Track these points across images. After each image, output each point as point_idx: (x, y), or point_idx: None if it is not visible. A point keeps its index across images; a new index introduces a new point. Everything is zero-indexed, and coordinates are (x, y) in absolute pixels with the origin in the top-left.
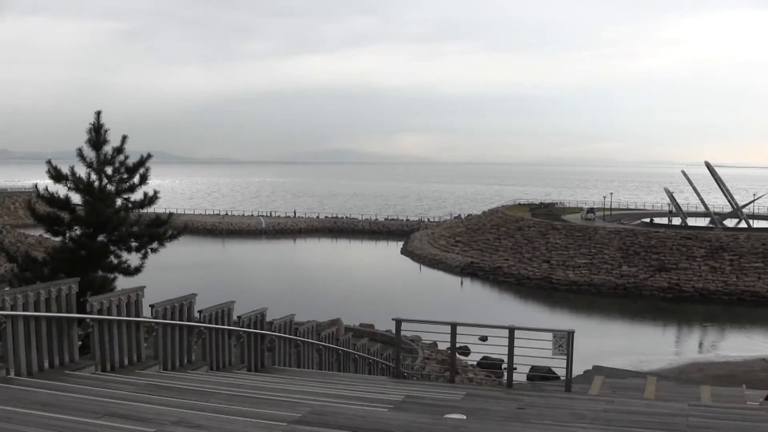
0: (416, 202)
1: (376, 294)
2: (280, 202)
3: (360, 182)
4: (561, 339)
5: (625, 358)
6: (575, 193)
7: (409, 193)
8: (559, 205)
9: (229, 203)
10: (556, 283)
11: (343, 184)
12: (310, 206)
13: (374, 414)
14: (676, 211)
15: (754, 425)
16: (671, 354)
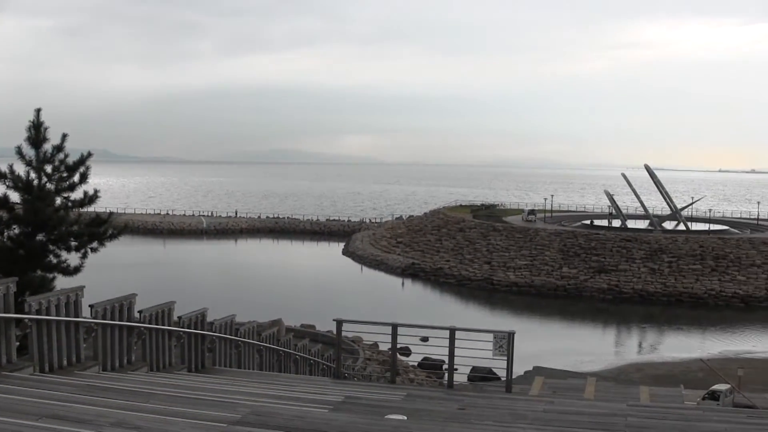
0: (358, 203)
1: (317, 295)
2: (221, 201)
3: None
4: (501, 340)
5: (565, 359)
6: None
7: (351, 193)
8: (501, 207)
9: (170, 203)
10: (497, 284)
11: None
12: (251, 206)
13: (314, 415)
14: (616, 213)
15: (691, 424)
16: (611, 355)
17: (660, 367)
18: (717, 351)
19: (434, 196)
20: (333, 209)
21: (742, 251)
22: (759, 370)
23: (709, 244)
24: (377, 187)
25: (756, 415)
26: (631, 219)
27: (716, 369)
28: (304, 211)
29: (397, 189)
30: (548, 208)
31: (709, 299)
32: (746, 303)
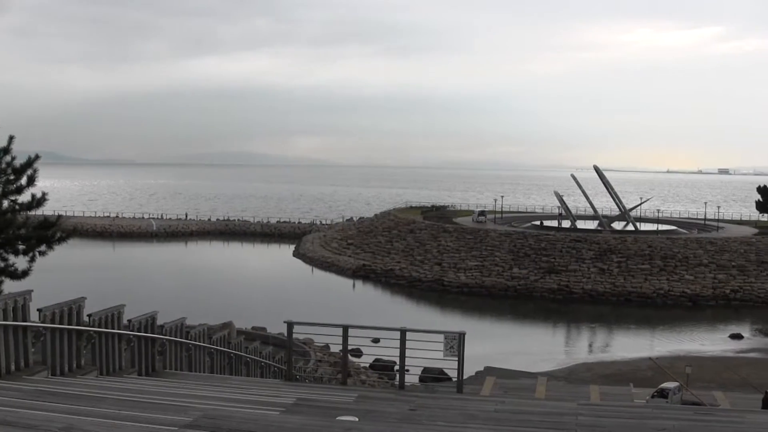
0: (309, 205)
1: (268, 297)
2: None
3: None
4: (452, 341)
5: (516, 359)
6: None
7: (302, 195)
8: (451, 208)
9: (120, 205)
10: (448, 285)
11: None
12: (202, 208)
13: (266, 417)
14: (566, 214)
15: (641, 422)
16: (561, 355)
17: (610, 366)
18: (666, 350)
19: (385, 198)
20: (283, 211)
21: (690, 251)
22: (706, 368)
23: (658, 244)
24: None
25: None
26: (580, 220)
27: (665, 367)
28: (254, 213)
29: (347, 191)
30: (498, 209)
31: (657, 299)
32: (694, 302)
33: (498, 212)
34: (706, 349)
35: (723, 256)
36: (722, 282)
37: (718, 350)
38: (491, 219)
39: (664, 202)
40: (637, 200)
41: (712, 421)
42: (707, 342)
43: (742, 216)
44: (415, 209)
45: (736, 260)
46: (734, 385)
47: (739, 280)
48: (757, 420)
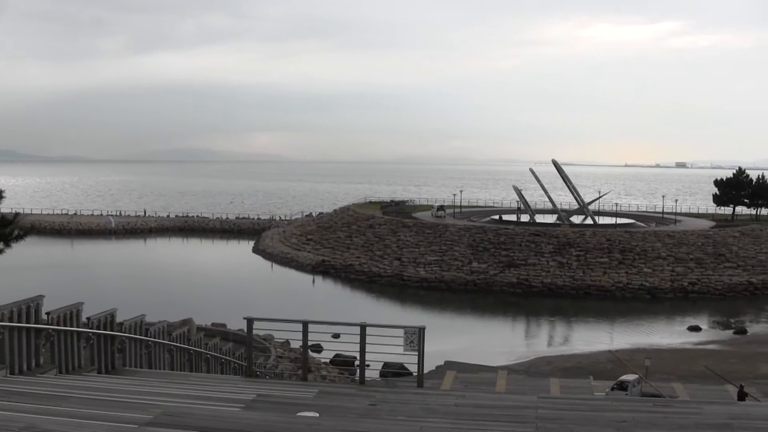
0: (268, 201)
1: (228, 293)
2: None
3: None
4: (412, 335)
5: (477, 354)
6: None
7: (261, 191)
8: (410, 203)
9: (78, 202)
10: (408, 280)
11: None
12: (161, 205)
13: (226, 414)
14: (525, 208)
15: (600, 415)
16: (521, 348)
17: (569, 359)
18: (625, 342)
19: (344, 193)
20: (243, 207)
21: (648, 244)
22: (665, 360)
23: (616, 237)
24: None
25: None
26: (539, 214)
27: (624, 360)
28: (213, 209)
29: (307, 186)
30: (457, 204)
31: (616, 292)
32: (652, 295)
33: (457, 207)
34: (665, 341)
35: (681, 249)
36: (680, 275)
37: (676, 342)
38: (450, 214)
39: (623, 195)
40: (596, 194)
41: (671, 412)
42: (666, 334)
43: (700, 209)
44: (374, 204)
45: (693, 253)
46: (693, 376)
47: (696, 273)
48: (715, 411)
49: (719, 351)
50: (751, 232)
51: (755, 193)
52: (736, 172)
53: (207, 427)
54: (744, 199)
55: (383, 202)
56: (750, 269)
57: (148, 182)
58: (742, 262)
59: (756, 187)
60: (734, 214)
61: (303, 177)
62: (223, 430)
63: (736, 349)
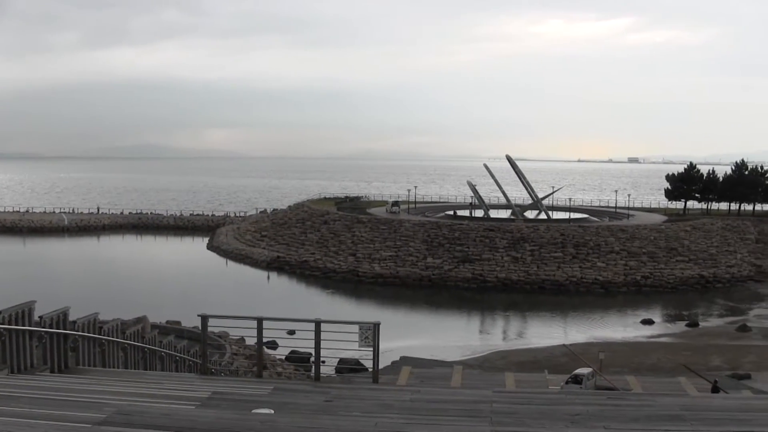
0: (223, 197)
1: (182, 290)
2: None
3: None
4: (367, 331)
5: (432, 349)
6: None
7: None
8: (365, 199)
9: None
10: (363, 276)
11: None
12: (114, 202)
13: (180, 412)
14: (479, 203)
15: (555, 408)
16: (476, 343)
17: (524, 353)
18: (579, 336)
19: (298, 189)
20: (197, 204)
21: (602, 238)
22: (619, 354)
23: (570, 232)
24: (242, 181)
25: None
26: (493, 209)
27: (579, 354)
28: (167, 206)
29: (261, 182)
30: (412, 200)
31: (570, 286)
32: (606, 289)
33: (411, 202)
34: (619, 334)
35: (634, 244)
36: (633, 269)
37: (630, 336)
38: (405, 209)
39: (576, 190)
40: (549, 189)
41: (624, 405)
42: (619, 328)
43: (652, 204)
44: (329, 200)
45: (646, 247)
46: (646, 369)
47: (649, 267)
48: (668, 403)
49: (672, 344)
50: (702, 227)
51: (706, 188)
52: (688, 168)
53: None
54: (695, 193)
55: (338, 197)
56: (701, 263)
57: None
58: (693, 256)
59: (707, 181)
60: (686, 209)
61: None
62: (177, 428)
63: (689, 341)
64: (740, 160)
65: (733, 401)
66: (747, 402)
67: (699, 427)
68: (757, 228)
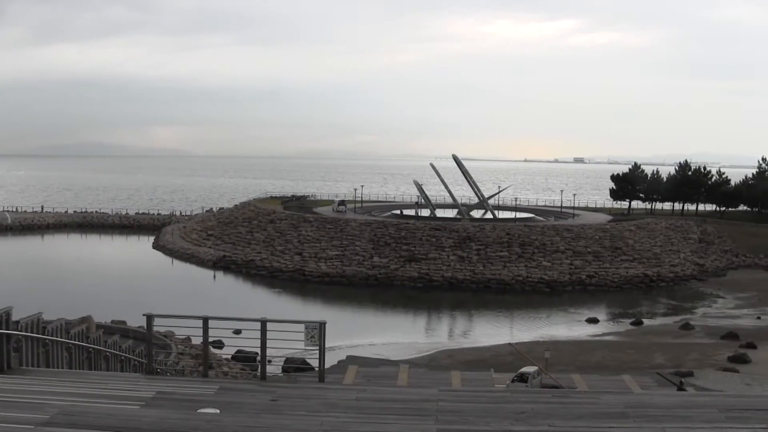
0: (168, 196)
1: (128, 289)
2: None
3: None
4: (313, 330)
5: (378, 348)
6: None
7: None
8: (311, 198)
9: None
10: (309, 275)
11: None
12: (58, 200)
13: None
14: (425, 202)
15: (500, 406)
16: (423, 342)
17: (470, 352)
18: (525, 335)
19: (245, 188)
20: (142, 202)
21: (547, 238)
22: (564, 352)
23: (516, 231)
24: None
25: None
26: (439, 208)
27: (524, 352)
28: (113, 204)
29: (207, 181)
30: (358, 199)
31: (516, 285)
32: (551, 288)
33: (358, 202)
34: (564, 333)
35: (579, 243)
36: (578, 268)
37: (575, 334)
38: (351, 208)
39: (522, 190)
40: (495, 189)
41: (569, 402)
42: (565, 326)
43: (597, 203)
44: (275, 199)
45: (591, 246)
46: (591, 367)
47: (594, 266)
48: (612, 400)
49: (616, 342)
50: (646, 226)
51: (650, 188)
52: (632, 168)
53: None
54: (639, 193)
55: (284, 196)
56: (645, 262)
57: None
58: (637, 255)
59: (651, 182)
60: (630, 209)
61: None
62: (121, 428)
63: (633, 339)
64: (684, 161)
65: (676, 398)
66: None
67: (642, 424)
68: (700, 228)
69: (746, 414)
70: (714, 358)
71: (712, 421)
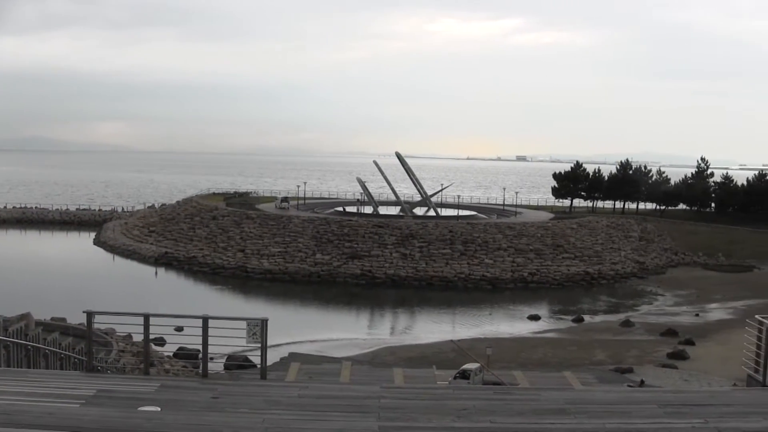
0: (110, 191)
1: (68, 286)
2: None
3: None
4: (255, 327)
5: (321, 345)
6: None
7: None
8: (254, 194)
9: None
10: (251, 271)
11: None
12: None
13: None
14: (368, 200)
15: (442, 403)
16: (365, 339)
17: (413, 349)
18: (467, 332)
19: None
20: (84, 198)
21: (489, 235)
22: (506, 349)
23: (458, 229)
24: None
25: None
26: (382, 206)
27: (466, 349)
28: (53, 200)
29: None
30: (301, 196)
31: (458, 282)
32: (494, 285)
33: (301, 198)
34: (506, 330)
35: (521, 241)
36: (520, 265)
37: (517, 331)
38: (294, 205)
39: (465, 188)
40: (438, 186)
41: (511, 399)
42: (507, 324)
43: (539, 202)
44: (218, 196)
45: (533, 244)
46: (532, 364)
47: (536, 264)
48: (553, 397)
49: (558, 339)
50: (587, 224)
51: (592, 186)
52: (574, 166)
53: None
54: (581, 191)
55: (227, 193)
56: (586, 260)
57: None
58: (579, 253)
59: (592, 180)
60: (572, 207)
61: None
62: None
63: (574, 336)
64: (625, 160)
65: (615, 394)
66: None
67: (583, 420)
68: (640, 226)
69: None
70: (653, 354)
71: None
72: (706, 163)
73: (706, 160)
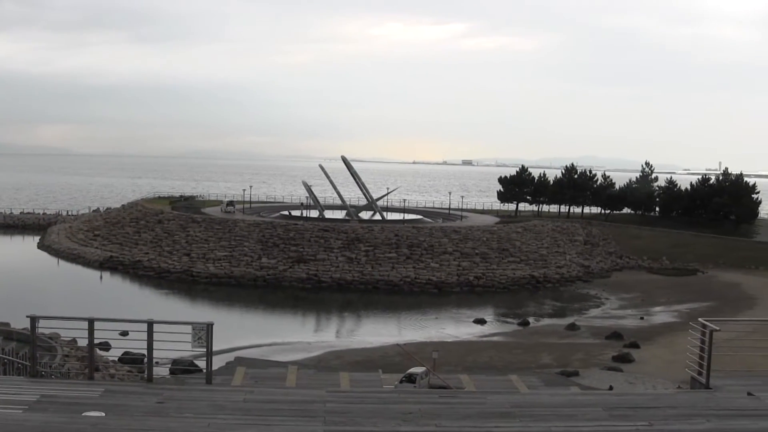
0: (54, 195)
1: (11, 290)
2: None
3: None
4: (200, 331)
5: (267, 349)
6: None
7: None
8: (200, 198)
9: None
10: (197, 275)
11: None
12: None
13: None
14: (314, 203)
15: (388, 407)
16: (311, 343)
17: (359, 353)
18: (413, 335)
19: (133, 188)
20: (27, 201)
21: (435, 239)
22: (451, 352)
23: (404, 233)
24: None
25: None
26: (328, 209)
27: (412, 353)
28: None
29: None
30: (247, 199)
31: (404, 286)
32: (439, 289)
33: (246, 202)
34: (452, 333)
35: (467, 244)
36: (466, 269)
37: (463, 335)
38: (240, 209)
39: (410, 192)
40: (384, 190)
41: (456, 402)
42: (453, 327)
43: (485, 206)
44: (164, 199)
45: (479, 248)
46: (478, 367)
47: (482, 267)
48: (498, 400)
49: (504, 342)
50: (533, 228)
51: (537, 191)
52: (520, 170)
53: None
54: (527, 196)
55: (173, 197)
56: (532, 263)
57: None
58: (524, 257)
59: (538, 184)
60: (517, 211)
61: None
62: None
63: (520, 340)
64: (570, 164)
65: (561, 397)
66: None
67: (528, 423)
68: (585, 230)
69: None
70: (599, 357)
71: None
72: (651, 167)
73: (651, 165)
